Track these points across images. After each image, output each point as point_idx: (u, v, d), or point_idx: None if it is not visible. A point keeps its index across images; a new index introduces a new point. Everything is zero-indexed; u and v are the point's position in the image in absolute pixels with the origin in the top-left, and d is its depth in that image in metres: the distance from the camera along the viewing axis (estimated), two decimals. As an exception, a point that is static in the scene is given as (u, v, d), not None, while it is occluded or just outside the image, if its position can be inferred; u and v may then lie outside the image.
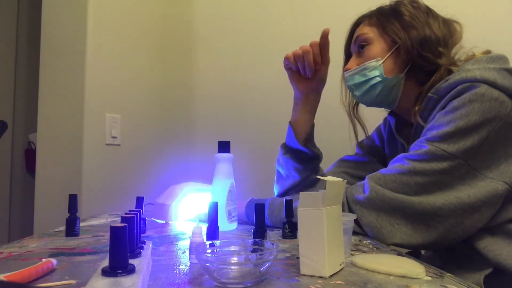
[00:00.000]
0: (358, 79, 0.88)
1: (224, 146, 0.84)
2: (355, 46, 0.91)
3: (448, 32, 0.84)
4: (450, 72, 0.79)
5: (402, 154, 0.75)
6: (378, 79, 0.85)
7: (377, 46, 0.86)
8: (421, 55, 0.81)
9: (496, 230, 0.71)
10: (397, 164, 0.73)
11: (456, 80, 0.72)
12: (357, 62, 0.89)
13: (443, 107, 0.73)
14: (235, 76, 1.84)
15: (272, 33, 1.79)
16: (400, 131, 0.95)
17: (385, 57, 0.84)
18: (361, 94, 0.89)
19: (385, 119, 1.03)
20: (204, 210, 0.89)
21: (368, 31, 0.88)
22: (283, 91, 1.78)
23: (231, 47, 1.86)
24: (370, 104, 0.91)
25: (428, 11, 0.86)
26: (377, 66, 0.85)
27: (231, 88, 1.85)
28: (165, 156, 1.76)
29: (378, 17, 0.88)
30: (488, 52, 0.81)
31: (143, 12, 1.66)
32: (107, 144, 1.42)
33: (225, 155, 0.84)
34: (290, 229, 0.73)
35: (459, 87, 0.71)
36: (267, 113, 1.78)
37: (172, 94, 1.85)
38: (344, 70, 0.92)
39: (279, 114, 1.77)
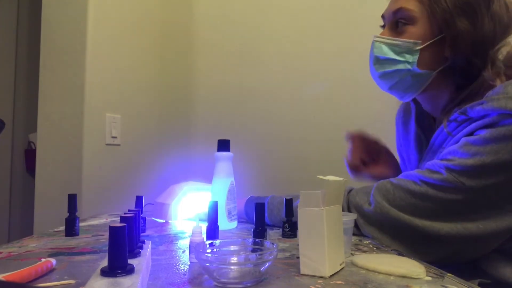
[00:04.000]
0: (386, 52, 0.75)
1: (223, 145, 0.84)
2: (390, 16, 0.77)
3: (508, 22, 0.70)
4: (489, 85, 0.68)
5: (416, 174, 0.69)
6: (408, 66, 0.73)
7: (420, 28, 0.73)
8: (468, 59, 0.70)
9: (501, 251, 0.69)
10: (410, 181, 0.68)
11: (494, 107, 0.62)
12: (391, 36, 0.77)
13: (472, 133, 0.65)
14: (235, 75, 1.84)
15: (271, 33, 1.79)
16: (420, 122, 0.87)
17: (425, 44, 0.72)
18: (381, 73, 0.77)
19: (398, 111, 0.97)
20: (204, 209, 0.88)
21: (413, 7, 0.73)
22: (282, 90, 1.78)
23: (230, 47, 1.86)
24: (384, 88, 0.80)
25: None
26: (413, 50, 0.73)
27: (230, 87, 1.85)
28: (165, 156, 1.76)
29: None
30: None
31: (143, 12, 1.65)
32: (107, 144, 1.42)
33: (225, 153, 0.84)
34: (290, 229, 0.73)
35: (495, 117, 0.62)
36: (266, 112, 1.78)
37: (172, 94, 1.85)
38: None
39: (278, 113, 1.77)
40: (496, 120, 0.62)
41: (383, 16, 0.81)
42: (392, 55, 0.75)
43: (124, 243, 0.37)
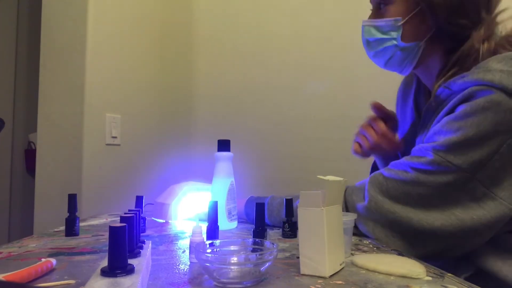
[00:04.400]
0: (374, 33, 0.80)
1: (224, 145, 0.84)
2: (373, 0, 0.82)
3: None
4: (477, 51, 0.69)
5: (405, 160, 0.69)
6: (394, 42, 0.78)
7: (399, 6, 0.77)
8: (452, 22, 0.72)
9: (491, 242, 0.68)
10: (401, 171, 0.69)
11: (473, 79, 0.64)
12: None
13: (452, 109, 0.67)
14: (235, 75, 1.84)
15: (271, 32, 1.79)
16: (417, 97, 0.89)
17: (405, 19, 0.76)
18: (373, 53, 0.82)
19: (400, 86, 0.99)
20: (204, 209, 0.88)
21: None
22: (283, 90, 1.78)
23: (230, 47, 1.86)
24: (380, 65, 0.84)
25: None
26: (395, 27, 0.77)
27: (230, 87, 1.85)
28: (165, 156, 1.76)
29: None
30: None
31: (143, 12, 1.65)
32: (107, 144, 1.42)
33: (225, 153, 0.84)
34: (290, 229, 0.73)
35: (473, 88, 0.63)
36: (266, 111, 1.78)
37: (172, 94, 1.85)
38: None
39: (278, 112, 1.77)
40: (473, 92, 0.63)
41: (371, 2, 0.86)
42: (379, 35, 0.79)
43: (124, 243, 0.37)
